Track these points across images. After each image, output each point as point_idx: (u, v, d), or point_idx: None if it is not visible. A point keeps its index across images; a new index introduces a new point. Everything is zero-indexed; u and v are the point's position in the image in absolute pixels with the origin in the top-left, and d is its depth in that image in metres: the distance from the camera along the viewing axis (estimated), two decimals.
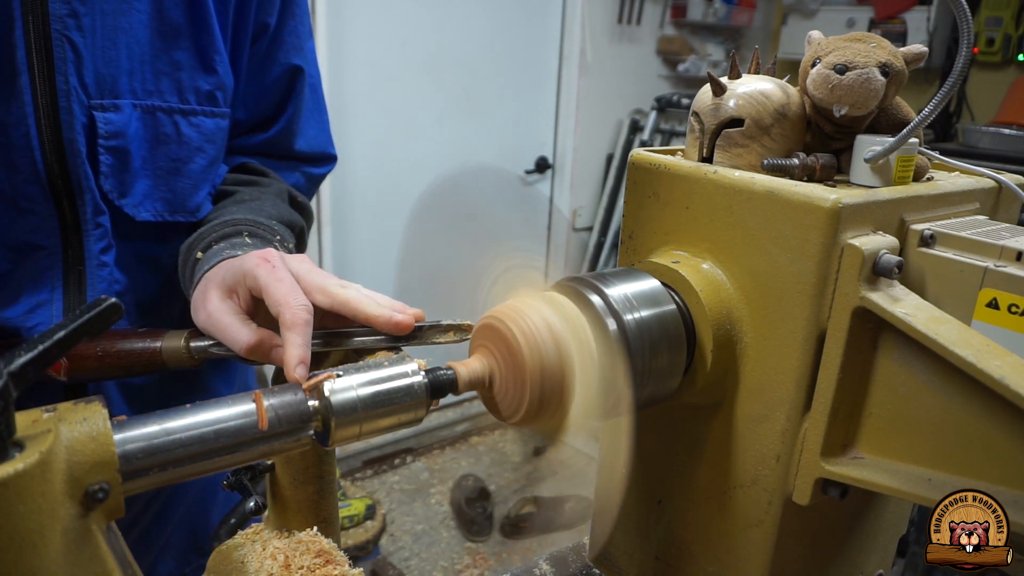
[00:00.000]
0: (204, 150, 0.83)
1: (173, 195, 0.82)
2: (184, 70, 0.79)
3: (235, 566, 0.58)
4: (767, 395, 0.56)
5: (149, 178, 0.80)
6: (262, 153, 0.95)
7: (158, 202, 0.81)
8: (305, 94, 0.95)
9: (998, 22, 3.39)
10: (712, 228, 0.57)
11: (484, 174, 0.89)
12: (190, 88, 0.80)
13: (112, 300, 0.38)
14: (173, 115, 0.79)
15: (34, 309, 0.76)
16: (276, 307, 0.56)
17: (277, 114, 0.94)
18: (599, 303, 0.54)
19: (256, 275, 0.59)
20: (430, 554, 2.83)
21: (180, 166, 0.81)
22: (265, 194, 0.87)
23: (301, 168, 0.98)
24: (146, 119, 0.78)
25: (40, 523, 0.34)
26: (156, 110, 0.78)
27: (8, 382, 0.33)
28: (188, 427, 0.42)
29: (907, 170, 0.56)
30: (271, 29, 0.89)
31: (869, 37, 0.56)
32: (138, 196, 0.79)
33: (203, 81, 0.81)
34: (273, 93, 0.93)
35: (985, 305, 0.51)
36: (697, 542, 0.64)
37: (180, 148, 0.81)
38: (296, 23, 0.92)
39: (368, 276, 3.11)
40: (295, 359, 0.52)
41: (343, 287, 0.59)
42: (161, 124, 0.79)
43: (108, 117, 0.75)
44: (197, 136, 0.82)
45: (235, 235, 0.75)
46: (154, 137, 0.79)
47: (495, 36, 3.22)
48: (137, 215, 0.79)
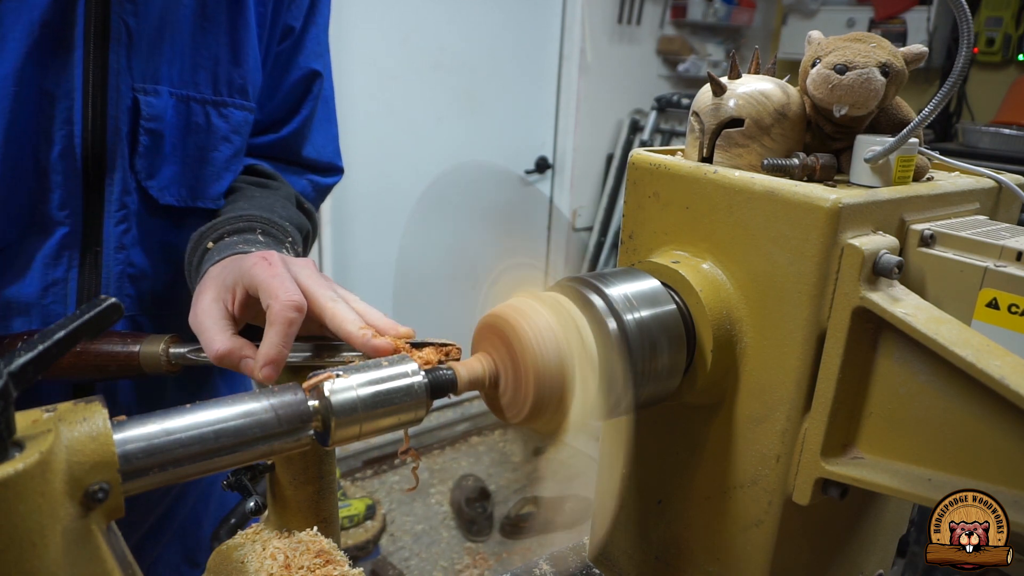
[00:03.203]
0: (230, 140, 0.85)
1: (197, 182, 0.83)
2: (220, 64, 0.81)
3: (235, 566, 0.58)
4: (767, 395, 0.56)
5: (177, 164, 0.81)
6: (271, 156, 0.96)
7: (182, 188, 0.82)
8: (319, 101, 0.96)
9: (998, 22, 3.38)
10: (712, 228, 0.57)
11: (484, 174, 0.89)
12: (224, 81, 0.82)
13: (112, 300, 0.38)
14: (206, 106, 0.81)
15: (48, 288, 0.76)
16: (265, 302, 0.55)
17: (290, 116, 0.95)
18: (599, 303, 0.54)
19: (252, 273, 0.58)
20: (430, 554, 2.82)
21: (206, 154, 0.83)
22: (275, 195, 0.88)
23: (308, 176, 0.99)
24: (179, 107, 0.79)
25: (40, 523, 0.34)
26: (190, 100, 0.80)
27: (8, 382, 0.33)
28: (188, 427, 0.42)
29: (907, 170, 0.56)
30: (296, 32, 0.91)
31: (869, 37, 0.56)
32: (164, 180, 0.80)
33: (236, 75, 0.83)
34: (289, 95, 0.94)
35: (985, 305, 0.51)
36: (697, 542, 0.64)
37: (208, 137, 0.82)
38: (319, 31, 0.94)
39: (368, 275, 3.11)
40: (263, 357, 0.52)
41: (332, 300, 0.58)
42: (193, 113, 0.81)
43: (149, 100, 0.77)
44: (225, 126, 0.84)
45: (248, 231, 0.75)
46: (185, 125, 0.80)
47: (496, 36, 3.22)
48: (161, 198, 0.80)
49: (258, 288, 0.57)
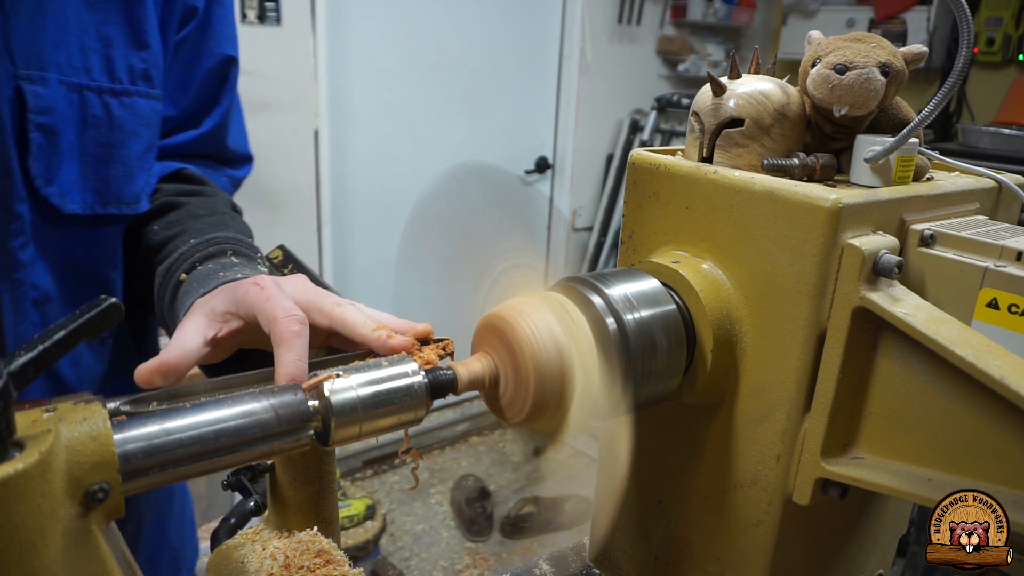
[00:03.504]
0: (139, 134, 0.75)
1: (105, 184, 0.73)
2: (115, 46, 0.71)
3: (235, 566, 0.58)
4: (767, 395, 0.56)
5: (76, 165, 0.71)
6: (191, 153, 0.88)
7: (87, 192, 0.72)
8: (236, 88, 0.89)
9: (998, 22, 3.39)
10: (712, 228, 0.57)
11: (484, 174, 0.89)
12: (123, 66, 0.72)
13: (112, 300, 0.38)
14: (103, 95, 0.71)
15: None
16: (267, 326, 0.53)
17: (209, 108, 0.87)
18: (599, 303, 0.54)
19: (247, 300, 0.56)
20: (430, 554, 2.83)
21: (112, 152, 0.73)
22: (217, 206, 0.81)
23: (225, 171, 0.92)
24: (72, 98, 0.69)
25: (40, 523, 0.34)
26: (84, 88, 0.69)
27: (8, 382, 0.33)
28: (188, 427, 0.42)
29: (907, 170, 0.56)
30: (199, 13, 0.81)
31: (869, 37, 0.56)
32: (65, 184, 0.70)
33: (136, 58, 0.73)
34: (205, 86, 0.85)
35: (985, 305, 0.51)
36: (697, 542, 0.64)
37: (112, 132, 0.72)
38: (226, 11, 0.85)
39: (368, 275, 3.11)
40: (283, 377, 0.49)
41: (339, 305, 0.56)
42: (89, 104, 0.70)
43: (36, 90, 0.66)
44: (131, 119, 0.73)
45: (220, 255, 0.70)
46: (81, 119, 0.70)
47: (495, 36, 3.22)
48: (64, 206, 0.70)
49: (256, 314, 0.55)
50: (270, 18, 2.56)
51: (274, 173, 2.69)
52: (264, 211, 2.70)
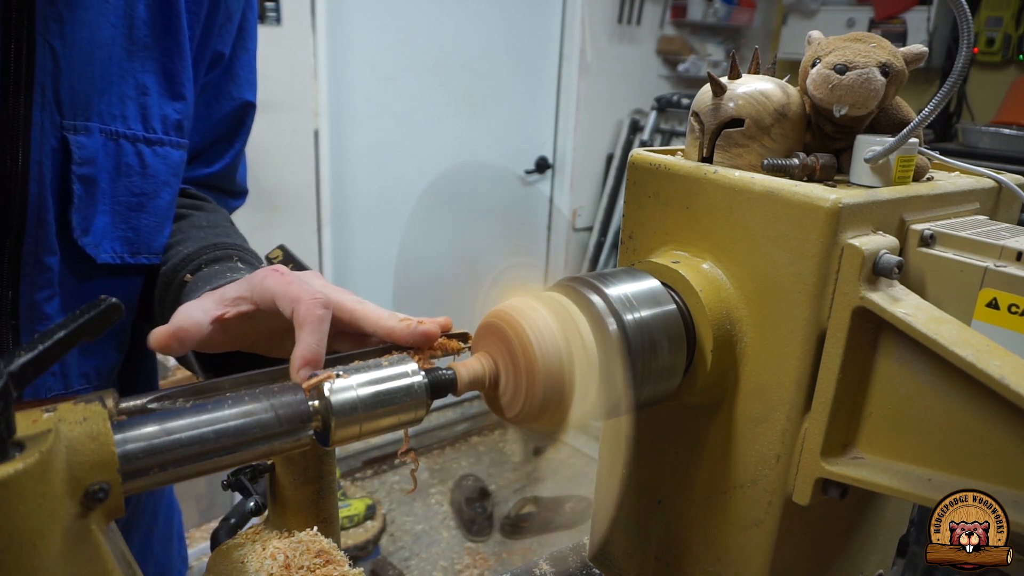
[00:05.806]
0: (170, 184, 0.74)
1: (136, 234, 0.72)
2: (151, 95, 0.71)
3: (235, 566, 0.58)
4: (767, 395, 0.56)
5: (107, 214, 0.70)
6: (201, 186, 0.89)
7: (116, 242, 0.71)
8: (250, 131, 0.90)
9: (998, 22, 3.39)
10: (712, 228, 0.57)
11: (484, 174, 0.88)
12: (157, 115, 0.72)
13: (112, 300, 0.38)
14: (137, 144, 0.71)
15: None
16: (290, 306, 0.51)
17: (223, 150, 0.89)
18: (599, 303, 0.54)
19: (266, 285, 0.54)
20: (430, 554, 2.83)
21: (144, 201, 0.72)
22: (219, 220, 0.81)
23: (227, 202, 0.93)
24: (108, 146, 0.68)
25: (40, 523, 0.34)
26: (120, 136, 0.69)
27: (8, 382, 0.33)
28: (188, 427, 0.42)
29: (907, 170, 0.56)
30: (225, 59, 0.83)
31: (869, 37, 0.56)
32: (98, 234, 0.69)
33: (170, 108, 0.73)
34: (222, 127, 0.87)
35: (985, 305, 0.51)
36: (697, 542, 0.64)
37: (144, 181, 0.72)
38: (249, 57, 0.87)
39: (368, 275, 3.11)
40: (300, 358, 0.48)
41: (359, 302, 0.55)
42: (124, 153, 0.70)
43: (80, 140, 0.65)
44: (164, 169, 0.73)
45: (226, 259, 0.69)
46: (115, 167, 0.69)
47: (495, 36, 3.22)
48: (98, 256, 0.69)
49: (276, 298, 0.53)
50: (270, 18, 2.56)
51: (274, 173, 2.69)
52: (264, 211, 2.70)
